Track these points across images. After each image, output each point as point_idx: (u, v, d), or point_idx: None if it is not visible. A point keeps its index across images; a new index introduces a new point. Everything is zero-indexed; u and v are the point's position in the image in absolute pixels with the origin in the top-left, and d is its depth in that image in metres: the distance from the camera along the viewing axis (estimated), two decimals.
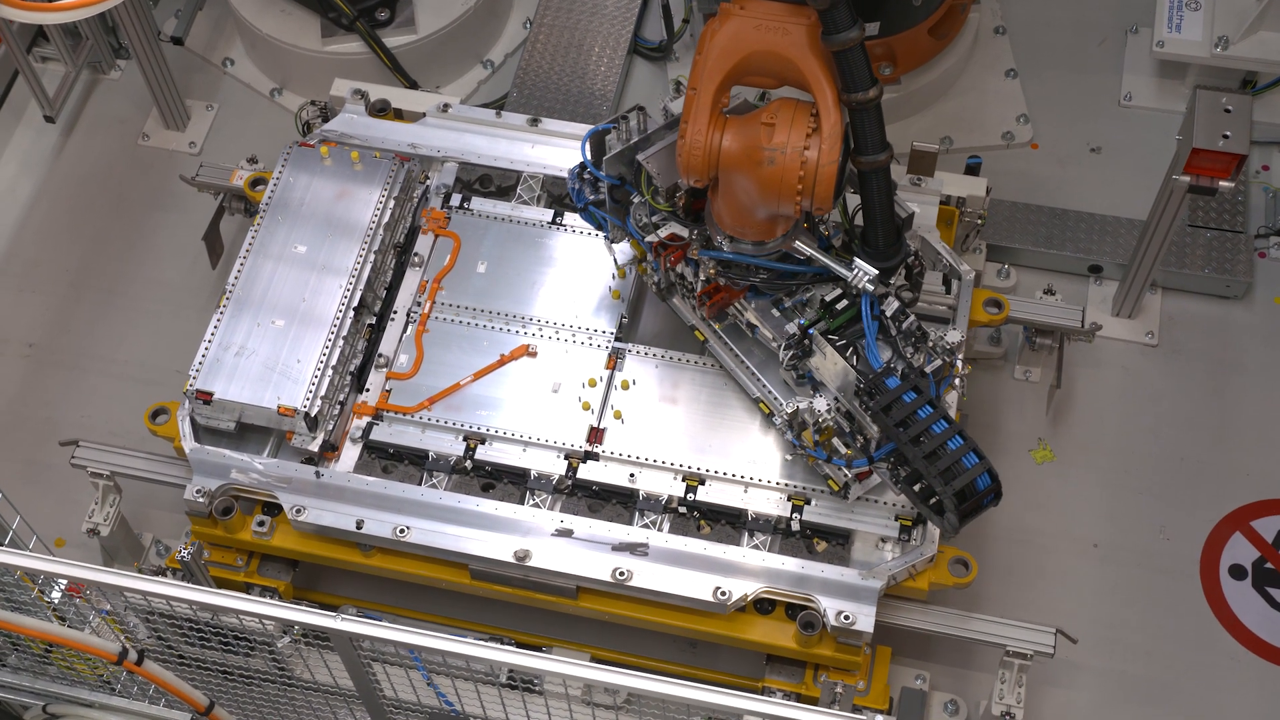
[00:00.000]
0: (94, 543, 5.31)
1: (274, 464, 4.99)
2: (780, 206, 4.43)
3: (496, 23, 6.64)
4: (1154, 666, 5.21)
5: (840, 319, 4.65)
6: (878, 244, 4.64)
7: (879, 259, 4.64)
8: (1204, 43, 6.08)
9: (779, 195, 4.38)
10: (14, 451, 5.73)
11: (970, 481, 4.32)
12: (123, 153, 6.44)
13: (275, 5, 6.38)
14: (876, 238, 4.63)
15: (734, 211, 4.58)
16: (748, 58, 4.36)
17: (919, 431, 4.35)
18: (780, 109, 4.36)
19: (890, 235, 4.64)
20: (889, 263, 4.65)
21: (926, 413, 4.36)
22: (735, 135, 4.40)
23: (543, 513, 4.90)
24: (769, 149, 4.32)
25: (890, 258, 4.66)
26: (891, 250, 4.66)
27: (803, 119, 4.33)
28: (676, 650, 5.17)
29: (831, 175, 4.32)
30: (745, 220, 4.59)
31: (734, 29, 4.35)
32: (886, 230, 4.62)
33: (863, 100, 4.30)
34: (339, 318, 5.12)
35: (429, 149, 5.57)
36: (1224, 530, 5.43)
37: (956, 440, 4.33)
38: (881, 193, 4.54)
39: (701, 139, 4.40)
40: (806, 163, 4.31)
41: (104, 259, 6.19)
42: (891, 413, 4.38)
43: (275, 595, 5.07)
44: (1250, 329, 5.84)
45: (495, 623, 5.19)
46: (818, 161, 4.31)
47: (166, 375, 5.79)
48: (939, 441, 4.33)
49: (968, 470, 4.31)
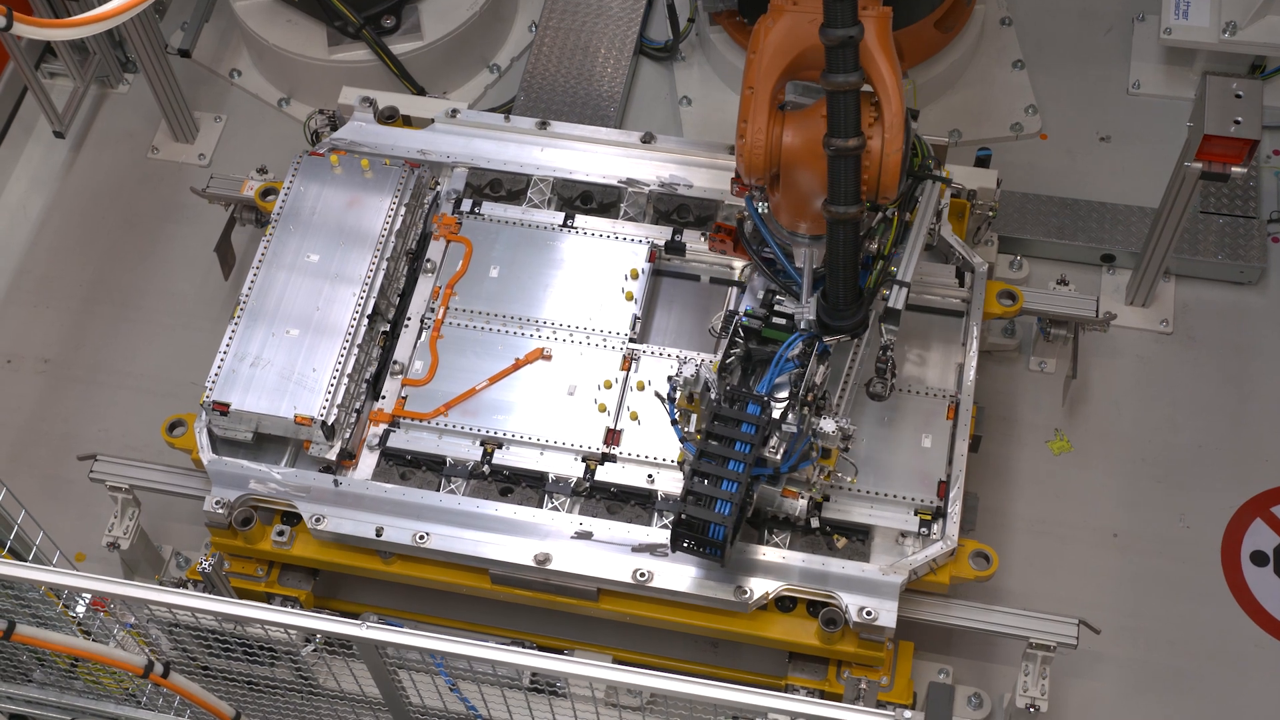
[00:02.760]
0: (114, 556, 5.32)
1: (292, 473, 4.99)
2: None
3: (502, 27, 6.65)
4: (1177, 655, 5.20)
5: (772, 332, 4.69)
6: (836, 299, 4.61)
7: (833, 315, 4.63)
8: (1211, 28, 6.07)
9: None
10: (32, 467, 5.75)
11: (704, 521, 4.40)
12: (133, 166, 6.46)
13: (281, 15, 6.39)
14: (836, 292, 4.60)
15: (795, 206, 4.57)
16: (804, 53, 4.34)
17: (716, 454, 4.42)
18: None
19: (849, 294, 4.60)
20: (839, 323, 4.64)
21: (741, 450, 4.40)
22: (796, 131, 4.39)
23: (561, 515, 4.90)
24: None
25: (843, 318, 4.64)
26: (849, 311, 4.63)
27: (865, 110, 4.30)
28: (698, 650, 5.17)
29: (896, 164, 4.32)
30: (806, 214, 4.58)
31: (788, 25, 4.33)
32: (847, 288, 4.58)
33: (843, 148, 4.23)
34: (353, 326, 5.12)
35: (438, 155, 5.57)
36: (1244, 517, 5.42)
37: (730, 487, 4.38)
38: (847, 246, 4.49)
39: (762, 137, 4.39)
40: (870, 153, 4.30)
41: (116, 273, 6.20)
42: (716, 424, 4.44)
43: (297, 604, 5.08)
44: (1265, 314, 5.83)
45: (516, 626, 5.19)
46: (882, 151, 4.30)
47: (182, 387, 5.79)
48: (718, 475, 4.40)
49: (712, 512, 4.39)
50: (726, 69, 6.37)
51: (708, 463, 4.46)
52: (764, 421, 4.50)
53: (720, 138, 5.79)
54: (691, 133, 6.29)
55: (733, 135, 5.81)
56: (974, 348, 5.10)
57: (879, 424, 4.98)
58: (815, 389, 4.63)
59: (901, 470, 4.90)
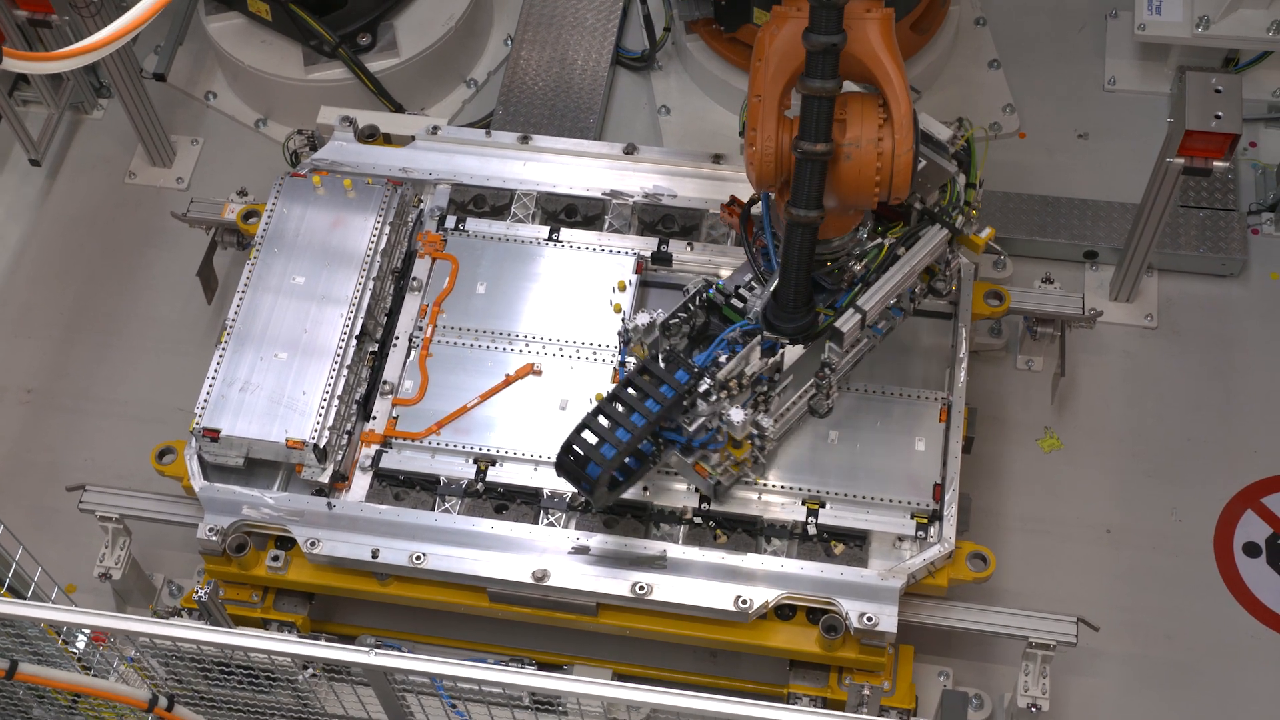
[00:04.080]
0: (106, 587, 5.28)
1: (285, 498, 4.97)
2: (859, 200, 4.42)
3: (477, 41, 6.63)
4: (1175, 649, 5.22)
5: (730, 312, 4.72)
6: (784, 301, 4.63)
7: (778, 315, 4.64)
8: (1185, 23, 6.10)
9: (858, 189, 4.37)
10: (19, 499, 5.70)
11: (586, 457, 4.46)
12: (110, 192, 6.41)
13: (255, 36, 6.36)
14: (784, 294, 4.62)
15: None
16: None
17: (623, 402, 4.49)
18: (848, 103, 4.34)
19: (797, 298, 4.62)
20: (782, 324, 4.66)
21: (650, 408, 4.47)
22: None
23: (558, 531, 4.89)
24: (844, 144, 4.31)
25: (786, 320, 4.65)
26: (794, 314, 4.64)
27: (872, 111, 4.32)
28: (698, 661, 5.16)
29: (908, 164, 4.32)
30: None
31: (792, 31, 4.30)
32: (796, 291, 4.60)
33: (811, 152, 4.26)
34: (342, 347, 5.10)
35: (421, 172, 5.55)
36: (1235, 509, 5.44)
37: (621, 435, 4.45)
38: (803, 250, 4.51)
39: (772, 145, 4.38)
40: (883, 154, 4.31)
41: (98, 300, 6.16)
42: (639, 376, 4.52)
43: (293, 629, 5.05)
44: (1248, 306, 5.86)
45: (513, 643, 5.18)
46: (893, 151, 4.31)
47: (168, 413, 5.75)
48: (614, 423, 4.47)
49: (595, 450, 4.45)
50: (705, 77, 6.38)
51: (614, 406, 4.50)
52: (685, 390, 4.53)
53: (701, 146, 5.79)
54: (672, 142, 6.29)
55: (714, 144, 5.89)
56: (964, 349, 5.10)
57: (872, 429, 4.98)
58: (741, 378, 4.62)
59: (896, 474, 4.91)
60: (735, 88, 6.23)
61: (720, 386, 4.58)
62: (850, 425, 4.98)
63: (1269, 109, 6.23)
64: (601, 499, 4.62)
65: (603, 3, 6.57)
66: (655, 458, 4.72)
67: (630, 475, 4.71)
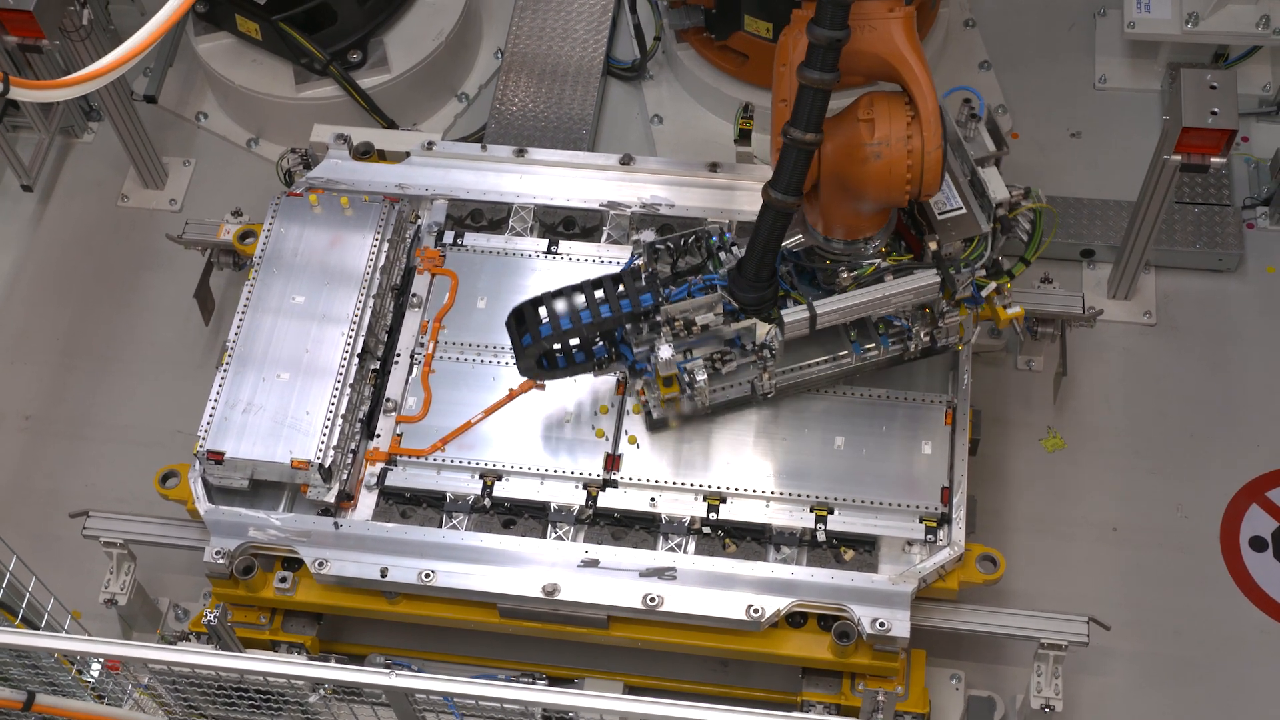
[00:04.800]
0: (110, 613, 5.26)
1: (291, 518, 4.94)
2: (890, 199, 4.43)
3: (468, 55, 6.62)
4: (1185, 646, 5.22)
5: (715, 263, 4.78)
6: (748, 273, 4.65)
7: (735, 283, 4.67)
8: (1174, 20, 6.12)
9: (889, 188, 4.37)
10: (21, 527, 5.64)
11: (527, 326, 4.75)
12: (103, 215, 6.39)
13: (246, 56, 6.34)
14: (746, 265, 4.64)
15: (838, 212, 4.57)
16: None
17: (589, 297, 4.70)
18: (875, 103, 4.34)
19: (755, 273, 4.64)
20: (737, 291, 4.68)
21: (603, 311, 4.69)
22: (834, 137, 4.38)
23: (566, 545, 4.88)
24: (872, 144, 4.31)
25: (741, 289, 4.67)
26: (754, 288, 4.66)
27: (899, 109, 4.32)
28: (709, 670, 5.15)
29: (938, 160, 4.32)
30: (849, 219, 4.59)
31: None
32: (757, 266, 4.63)
33: (799, 140, 4.27)
34: (344, 366, 5.08)
35: (417, 188, 5.54)
36: (1240, 503, 5.45)
37: (564, 324, 4.71)
38: (772, 232, 4.53)
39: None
40: (913, 152, 4.31)
41: (94, 324, 6.13)
42: (610, 281, 4.70)
43: (303, 650, 5.03)
44: (1246, 300, 5.88)
45: (524, 658, 5.16)
46: (923, 149, 4.31)
47: (168, 436, 5.73)
48: (571, 310, 4.70)
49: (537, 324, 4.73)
50: (696, 85, 6.37)
51: (577, 296, 4.72)
52: (641, 312, 4.68)
53: (696, 155, 5.80)
54: (666, 151, 6.29)
55: (708, 152, 5.90)
56: (967, 350, 5.10)
57: (877, 433, 4.98)
58: (692, 324, 4.67)
59: (903, 478, 4.90)
60: (727, 95, 6.23)
61: (667, 320, 4.64)
62: (856, 430, 4.98)
63: (1260, 104, 6.25)
64: (526, 369, 4.87)
65: (592, 13, 6.57)
66: (601, 364, 4.89)
67: (569, 366, 4.90)
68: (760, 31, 5.95)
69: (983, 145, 4.68)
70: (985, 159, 4.67)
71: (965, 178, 4.70)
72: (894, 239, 4.73)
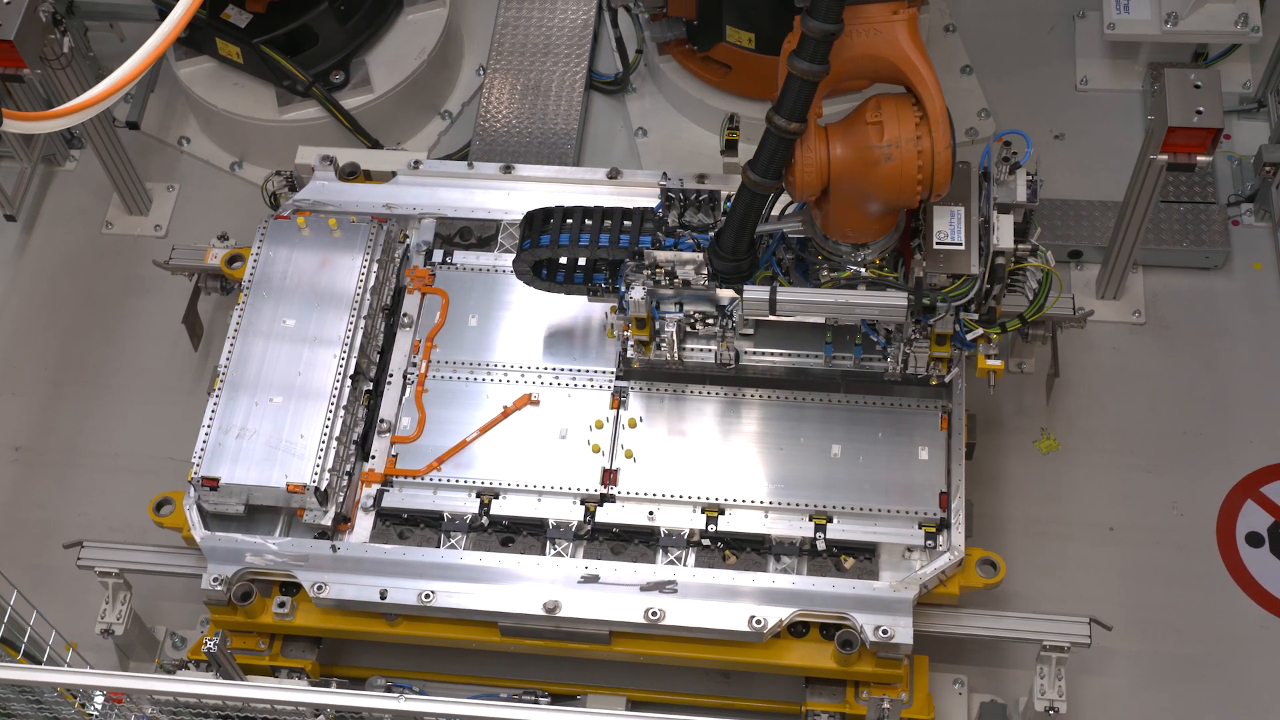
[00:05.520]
0: (107, 643, 5.22)
1: (288, 543, 4.92)
2: (902, 200, 4.45)
3: (449, 73, 6.61)
4: (1186, 643, 5.23)
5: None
6: (725, 244, 4.70)
7: (714, 251, 4.73)
8: (1154, 20, 6.14)
9: (900, 190, 4.39)
10: (14, 559, 5.57)
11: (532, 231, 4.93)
12: (88, 243, 6.35)
13: (227, 79, 6.32)
14: (726, 239, 4.69)
15: (849, 216, 4.58)
16: (843, 64, 4.32)
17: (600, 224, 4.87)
18: (882, 105, 4.36)
19: (727, 246, 4.70)
20: (714, 259, 4.74)
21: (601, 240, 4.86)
22: (843, 142, 4.40)
23: (566, 561, 4.87)
24: (882, 147, 4.33)
25: (717, 258, 4.73)
26: (734, 257, 4.70)
27: (907, 110, 4.34)
28: (711, 683, 5.14)
29: (948, 160, 4.34)
30: (860, 222, 4.60)
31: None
32: (731, 240, 4.68)
33: (783, 129, 4.31)
34: (336, 388, 5.06)
35: (405, 208, 5.52)
36: (1235, 499, 5.47)
37: (563, 240, 4.89)
38: (749, 211, 4.57)
39: (814, 154, 4.39)
40: (923, 152, 4.33)
41: (82, 352, 6.09)
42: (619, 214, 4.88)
43: (303, 675, 5.00)
44: (1234, 296, 5.90)
45: (525, 675, 5.15)
46: (932, 149, 4.32)
47: (160, 463, 5.70)
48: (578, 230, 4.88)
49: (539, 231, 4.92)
50: (680, 98, 6.38)
51: (587, 221, 4.88)
52: (633, 251, 4.81)
53: (682, 166, 5.79)
54: (651, 163, 6.29)
55: (694, 163, 5.89)
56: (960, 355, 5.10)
57: (874, 440, 4.98)
58: (673, 273, 4.80)
59: (901, 484, 4.90)
60: (711, 106, 6.24)
61: (651, 265, 4.75)
62: (852, 438, 4.98)
63: (1240, 101, 6.28)
64: (520, 271, 5.04)
65: (573, 28, 6.57)
66: (595, 290, 5.01)
67: (565, 283, 5.06)
68: (742, 42, 5.95)
69: (1012, 192, 4.62)
70: (1010, 206, 4.61)
71: (979, 217, 4.67)
72: (893, 257, 4.73)
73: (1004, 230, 4.58)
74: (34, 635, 3.96)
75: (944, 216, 4.64)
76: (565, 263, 5.06)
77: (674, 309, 4.92)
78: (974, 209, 4.67)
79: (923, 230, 4.65)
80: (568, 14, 6.59)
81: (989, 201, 4.63)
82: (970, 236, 4.61)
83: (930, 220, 4.63)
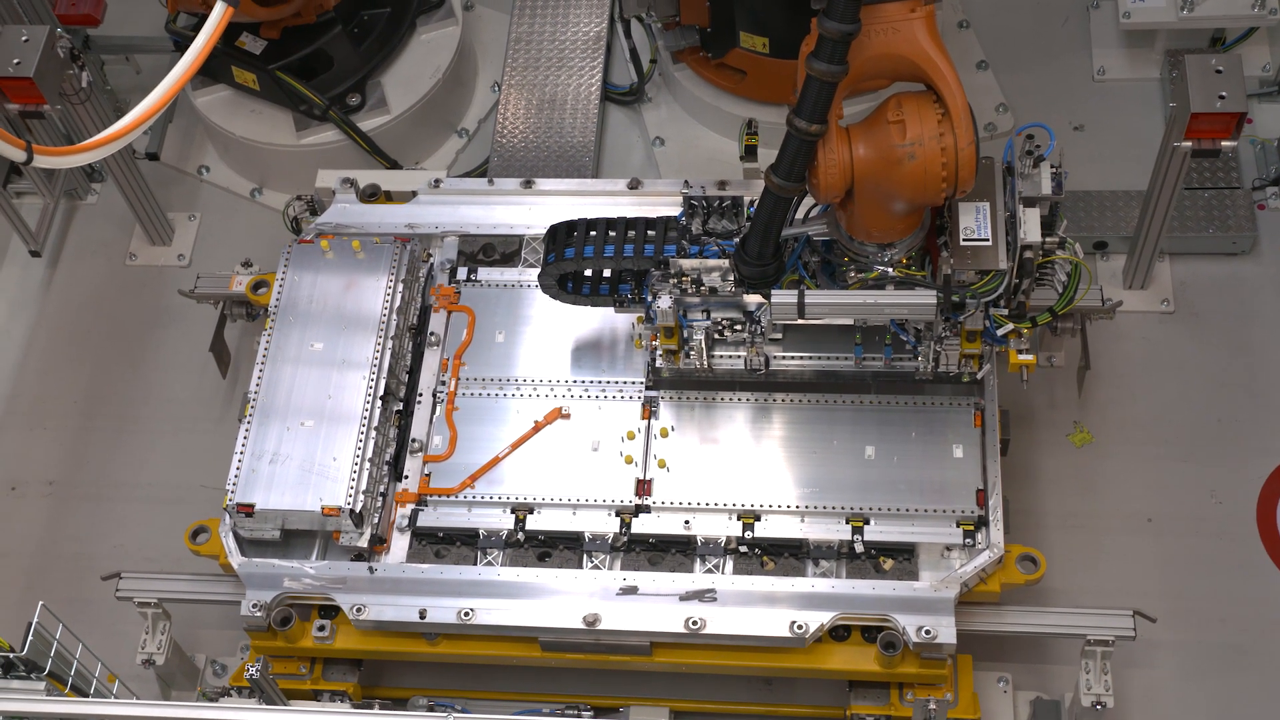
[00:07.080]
0: (148, 673, 5.22)
1: (325, 566, 4.92)
2: (927, 198, 4.44)
3: (464, 91, 6.62)
4: (1230, 632, 5.19)
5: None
6: (750, 250, 4.69)
7: (739, 256, 4.72)
8: (1170, 7, 6.12)
9: (924, 188, 4.38)
10: (52, 592, 5.59)
11: (556, 243, 4.93)
12: (112, 275, 6.37)
13: (244, 106, 6.33)
14: (751, 244, 4.68)
15: (874, 216, 4.57)
16: (863, 64, 4.32)
17: (624, 234, 4.86)
18: (904, 104, 4.36)
19: (753, 249, 4.68)
20: (740, 264, 4.73)
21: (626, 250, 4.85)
22: (866, 142, 4.40)
23: (604, 573, 4.85)
24: (905, 145, 4.32)
25: (743, 263, 4.71)
26: (760, 261, 4.69)
27: (929, 108, 4.33)
28: (753, 690, 5.12)
29: (972, 156, 4.33)
30: (885, 221, 4.58)
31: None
32: (757, 244, 4.66)
33: (804, 130, 4.31)
34: (367, 409, 5.05)
35: (427, 227, 5.52)
36: (1274, 485, 5.42)
37: (588, 251, 4.87)
38: (774, 216, 4.56)
39: (836, 155, 4.39)
40: (946, 149, 4.33)
41: (110, 385, 6.11)
42: (648, 228, 4.86)
43: (345, 698, 4.99)
44: (1262, 281, 5.86)
45: (567, 690, 5.14)
46: (956, 146, 4.31)
47: (192, 492, 5.70)
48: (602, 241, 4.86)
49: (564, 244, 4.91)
50: (695, 105, 6.37)
51: (610, 232, 4.88)
52: (661, 261, 4.81)
53: (701, 174, 5.76)
54: (670, 172, 6.28)
55: (713, 170, 5.89)
56: (991, 351, 5.08)
57: (908, 440, 4.95)
58: (700, 282, 4.79)
59: (937, 483, 4.87)
60: (727, 112, 6.23)
61: (677, 274, 4.72)
62: (885, 439, 4.96)
63: (1261, 84, 6.24)
64: (546, 285, 5.03)
65: (586, 40, 6.57)
66: (622, 301, 4.99)
67: (591, 295, 5.05)
68: (756, 47, 5.95)
69: (1037, 185, 4.60)
70: (1035, 199, 4.60)
71: (1005, 213, 4.66)
72: (920, 256, 4.71)
73: (1031, 224, 4.56)
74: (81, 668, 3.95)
75: (969, 213, 4.63)
76: (591, 275, 5.05)
77: (701, 317, 4.91)
78: (999, 204, 4.65)
79: (949, 227, 4.63)
80: (580, 26, 6.59)
81: (1014, 196, 4.61)
82: (997, 232, 4.59)
83: (956, 217, 4.61)
